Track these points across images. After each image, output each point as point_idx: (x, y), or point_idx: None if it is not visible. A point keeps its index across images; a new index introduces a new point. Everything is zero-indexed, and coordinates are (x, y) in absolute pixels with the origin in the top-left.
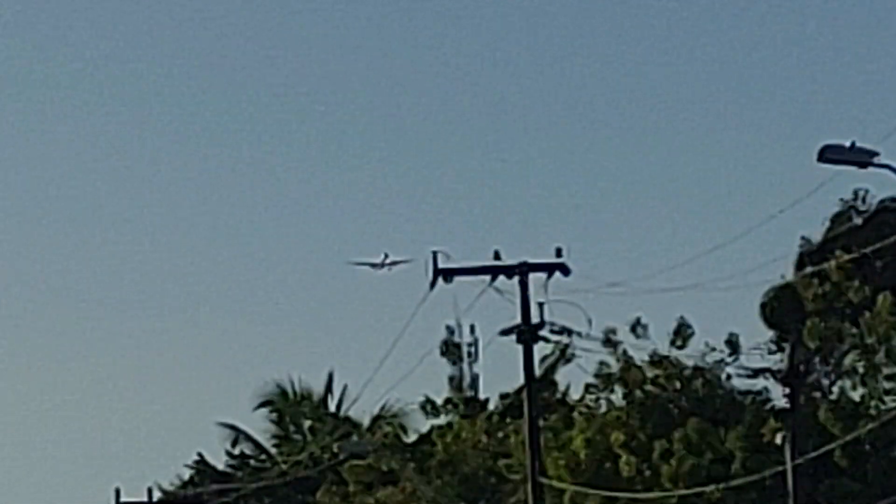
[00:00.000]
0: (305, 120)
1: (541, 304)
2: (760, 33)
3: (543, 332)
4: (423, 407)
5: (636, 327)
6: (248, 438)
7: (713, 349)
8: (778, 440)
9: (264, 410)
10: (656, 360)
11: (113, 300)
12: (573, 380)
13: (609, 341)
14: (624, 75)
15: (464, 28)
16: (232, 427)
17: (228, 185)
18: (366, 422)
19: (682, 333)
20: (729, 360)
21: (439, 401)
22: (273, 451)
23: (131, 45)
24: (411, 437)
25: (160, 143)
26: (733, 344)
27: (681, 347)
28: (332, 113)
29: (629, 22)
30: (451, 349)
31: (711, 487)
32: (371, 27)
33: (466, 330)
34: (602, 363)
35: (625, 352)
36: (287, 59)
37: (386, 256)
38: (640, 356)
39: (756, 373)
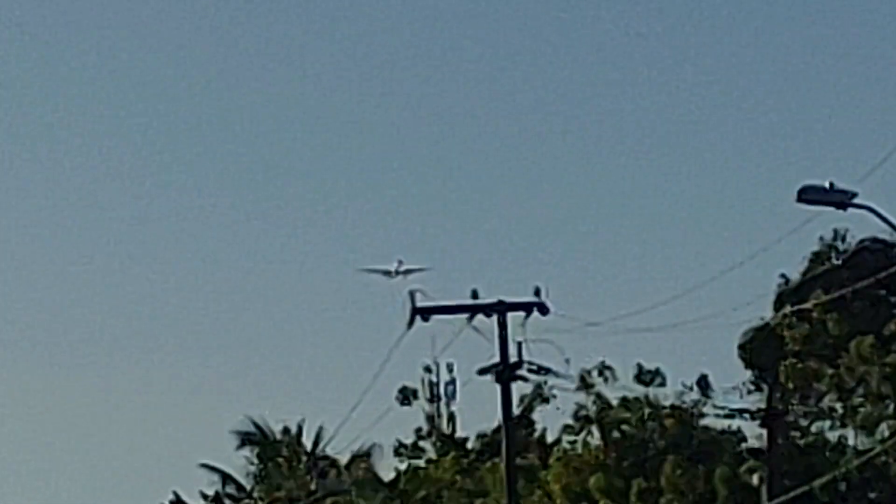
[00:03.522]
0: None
1: (519, 344)
2: (739, 74)
3: (521, 372)
4: (395, 451)
5: (603, 371)
6: (229, 478)
7: (690, 388)
8: (755, 481)
9: (242, 449)
10: (630, 401)
11: (90, 337)
12: (550, 419)
13: (584, 384)
14: (604, 114)
15: (441, 61)
16: (212, 468)
17: (206, 228)
18: (344, 460)
19: (642, 378)
20: (705, 400)
21: (409, 443)
22: (249, 487)
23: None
24: (389, 475)
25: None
26: (703, 386)
27: (647, 385)
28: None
29: (606, 56)
30: (408, 396)
31: None
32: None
33: (444, 368)
34: (578, 404)
35: (599, 394)
36: (290, 67)
37: (400, 263)
38: (615, 396)
39: (734, 413)
